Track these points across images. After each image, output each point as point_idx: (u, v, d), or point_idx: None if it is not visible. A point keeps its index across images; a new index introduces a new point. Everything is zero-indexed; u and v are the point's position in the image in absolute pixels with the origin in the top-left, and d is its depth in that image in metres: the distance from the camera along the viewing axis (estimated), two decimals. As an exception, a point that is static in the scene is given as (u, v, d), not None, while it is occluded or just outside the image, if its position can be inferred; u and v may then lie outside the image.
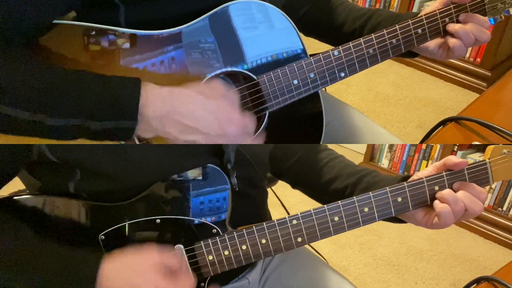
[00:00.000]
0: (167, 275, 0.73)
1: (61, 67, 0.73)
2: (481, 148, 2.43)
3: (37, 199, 0.79)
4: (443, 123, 1.11)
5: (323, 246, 2.11)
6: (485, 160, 0.83)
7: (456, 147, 2.36)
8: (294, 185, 1.01)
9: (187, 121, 0.74)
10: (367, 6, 2.90)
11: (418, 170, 2.51)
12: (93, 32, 0.78)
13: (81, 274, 0.71)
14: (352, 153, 2.83)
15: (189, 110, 0.73)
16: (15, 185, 0.81)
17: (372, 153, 2.65)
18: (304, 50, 0.89)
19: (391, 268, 2.09)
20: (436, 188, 0.81)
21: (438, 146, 2.41)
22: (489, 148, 0.83)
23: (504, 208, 2.32)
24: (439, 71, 2.73)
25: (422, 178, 0.82)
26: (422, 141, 1.12)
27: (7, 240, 0.73)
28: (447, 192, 0.80)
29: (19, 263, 0.72)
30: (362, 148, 2.73)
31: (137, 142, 0.80)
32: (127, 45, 0.79)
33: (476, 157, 2.33)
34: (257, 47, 0.86)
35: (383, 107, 2.60)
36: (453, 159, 0.81)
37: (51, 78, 0.70)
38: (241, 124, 0.78)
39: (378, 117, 2.53)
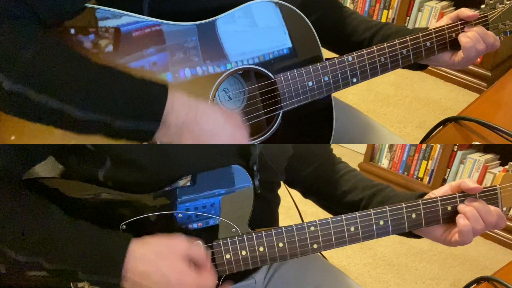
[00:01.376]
0: (191, 267, 0.75)
1: (94, 60, 0.74)
2: (481, 148, 2.43)
3: (64, 182, 0.80)
4: (443, 123, 1.11)
5: (323, 246, 2.11)
6: (496, 186, 0.85)
7: (456, 147, 2.36)
8: (306, 195, 1.02)
9: (203, 136, 0.77)
10: (367, 6, 2.90)
11: (418, 170, 2.51)
12: (72, 31, 0.78)
13: (110, 252, 0.72)
14: (352, 153, 2.83)
15: (209, 127, 0.77)
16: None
17: (372, 153, 2.65)
18: (291, 48, 0.90)
19: (391, 268, 2.09)
20: (449, 208, 0.83)
21: (438, 146, 2.41)
22: (500, 175, 0.86)
23: (504, 208, 2.32)
24: (439, 71, 2.73)
25: (436, 197, 0.83)
26: (422, 141, 1.13)
27: (36, 215, 0.74)
28: (469, 210, 0.81)
29: (47, 238, 0.73)
30: (362, 148, 2.73)
31: None
32: (110, 47, 0.79)
33: (476, 157, 2.33)
34: (239, 43, 0.87)
35: (383, 107, 2.60)
36: (468, 183, 0.83)
37: (85, 70, 0.71)
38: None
39: (378, 117, 2.53)
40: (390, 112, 2.58)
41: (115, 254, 0.72)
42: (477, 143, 1.07)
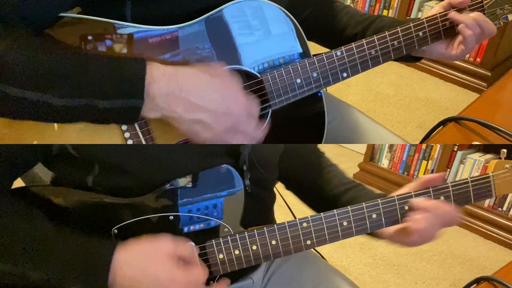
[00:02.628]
0: (180, 265, 0.74)
1: (67, 46, 0.73)
2: (481, 148, 2.43)
3: (53, 189, 0.80)
4: (443, 123, 1.11)
5: (323, 246, 2.10)
6: (488, 174, 0.85)
7: (456, 147, 2.36)
8: (288, 187, 1.03)
9: (193, 98, 0.74)
10: (367, 6, 2.90)
11: (418, 170, 2.51)
12: (90, 37, 0.78)
13: (96, 260, 0.72)
14: (352, 153, 2.83)
15: (195, 87, 0.74)
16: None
17: (372, 153, 2.65)
18: (302, 53, 0.90)
19: (391, 268, 2.09)
20: (442, 198, 0.83)
21: (438, 146, 2.41)
22: (493, 162, 0.86)
23: (504, 208, 2.32)
24: (439, 71, 2.73)
25: (428, 188, 0.84)
26: (422, 141, 1.12)
27: (22, 228, 0.73)
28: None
29: (34, 250, 0.72)
30: (362, 148, 2.73)
31: (139, 130, 0.80)
32: (124, 50, 0.79)
33: (476, 157, 2.33)
34: (254, 52, 0.87)
35: (383, 107, 2.60)
36: (430, 175, 0.84)
37: (58, 57, 0.70)
38: (246, 104, 0.79)
39: (378, 117, 2.53)
40: (390, 112, 2.58)
41: (100, 261, 0.71)
42: (477, 143, 1.07)
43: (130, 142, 0.80)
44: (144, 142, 0.81)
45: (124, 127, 0.80)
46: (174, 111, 0.74)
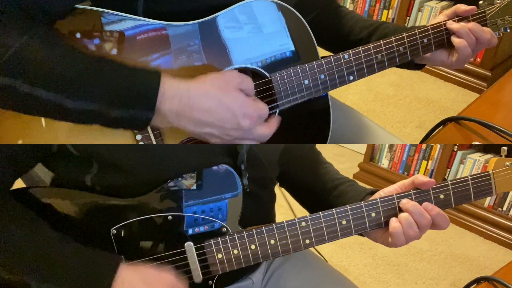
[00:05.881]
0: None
1: (85, 51, 0.73)
2: (481, 148, 2.43)
3: (53, 190, 0.80)
4: (443, 123, 1.11)
5: (323, 246, 2.09)
6: (488, 172, 0.85)
7: (456, 147, 2.36)
8: (281, 183, 1.03)
9: (203, 117, 0.76)
10: (367, 6, 2.90)
11: (418, 170, 2.51)
12: (78, 35, 0.78)
13: (99, 274, 0.72)
14: (352, 153, 2.83)
15: (206, 107, 0.76)
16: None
17: (372, 153, 2.65)
18: (295, 52, 0.90)
19: (391, 268, 2.09)
20: (442, 197, 0.83)
21: (438, 146, 2.41)
22: (493, 160, 0.86)
23: (504, 208, 2.32)
24: (439, 71, 2.73)
25: (428, 190, 0.83)
26: (422, 141, 1.12)
27: (26, 235, 0.73)
28: (403, 215, 0.81)
29: (37, 259, 0.72)
30: (362, 148, 2.73)
31: (151, 132, 0.82)
32: (114, 50, 0.79)
33: (476, 157, 2.33)
34: (246, 52, 0.87)
35: (383, 107, 2.60)
36: (421, 178, 0.83)
37: (74, 59, 0.71)
38: (255, 117, 0.81)
39: (378, 117, 2.53)
40: (390, 112, 2.58)
41: (101, 279, 0.72)
42: (477, 143, 1.07)
43: (141, 143, 0.82)
44: (155, 143, 0.82)
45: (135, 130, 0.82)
46: (184, 126, 0.77)
